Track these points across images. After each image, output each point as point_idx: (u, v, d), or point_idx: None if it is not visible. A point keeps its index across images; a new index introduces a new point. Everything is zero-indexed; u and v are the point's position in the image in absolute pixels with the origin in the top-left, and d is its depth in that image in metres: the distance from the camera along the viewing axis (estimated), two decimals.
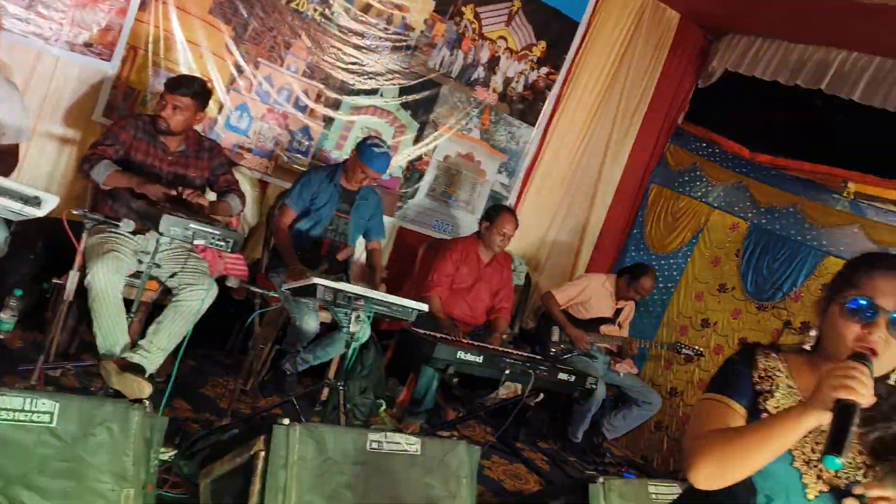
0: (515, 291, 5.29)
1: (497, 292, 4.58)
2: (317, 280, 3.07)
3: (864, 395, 1.27)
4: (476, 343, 4.03)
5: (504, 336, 4.51)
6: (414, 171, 4.90)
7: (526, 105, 5.20)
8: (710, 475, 1.37)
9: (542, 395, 4.81)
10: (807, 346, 1.52)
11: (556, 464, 4.51)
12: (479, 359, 3.75)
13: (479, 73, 4.92)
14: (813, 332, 1.51)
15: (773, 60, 5.24)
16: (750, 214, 5.27)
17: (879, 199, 4.76)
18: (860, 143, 5.84)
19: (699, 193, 5.63)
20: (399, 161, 4.78)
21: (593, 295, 4.92)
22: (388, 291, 3.87)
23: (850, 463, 1.43)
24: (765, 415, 1.46)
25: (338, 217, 3.96)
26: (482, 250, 4.44)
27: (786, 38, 5.14)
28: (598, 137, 5.60)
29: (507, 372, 3.84)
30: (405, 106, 4.69)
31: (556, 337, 4.90)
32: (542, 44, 5.10)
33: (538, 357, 4.30)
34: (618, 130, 5.65)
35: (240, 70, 4.15)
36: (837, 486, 1.42)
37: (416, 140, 4.81)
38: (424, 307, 3.35)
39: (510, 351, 4.19)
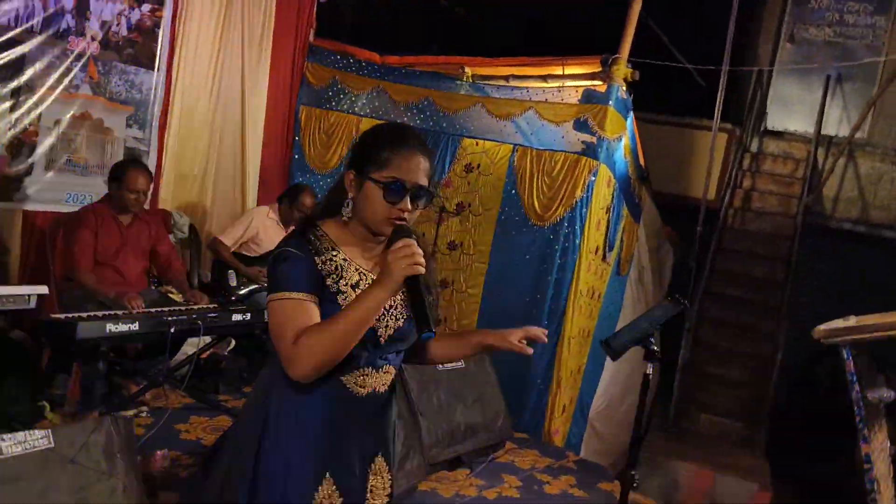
0: (182, 246, 5.04)
1: (153, 252, 4.28)
2: None
3: (422, 265, 1.53)
4: (136, 311, 3.74)
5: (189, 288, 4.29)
6: (21, 145, 4.32)
7: (137, 48, 4.80)
8: (316, 370, 1.53)
9: (232, 342, 4.71)
10: (345, 217, 1.68)
11: None
12: (135, 325, 3.51)
13: (68, 21, 4.40)
14: (350, 204, 1.67)
15: None
16: (392, 115, 5.48)
17: (494, 77, 5.19)
18: (476, 31, 6.27)
19: (345, 106, 5.71)
20: None
21: (260, 228, 4.84)
22: None
23: (402, 302, 1.69)
24: (341, 297, 1.62)
25: None
26: (116, 214, 4.08)
27: None
28: (230, 70, 5.38)
29: (173, 330, 3.65)
30: None
31: (234, 282, 4.77)
32: None
33: (211, 305, 4.14)
34: (250, 59, 5.48)
35: None
36: (399, 327, 1.69)
37: (12, 109, 4.22)
38: (42, 289, 3.01)
39: (177, 308, 3.97)
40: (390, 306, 1.67)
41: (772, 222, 7.73)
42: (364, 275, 1.66)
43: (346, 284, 1.63)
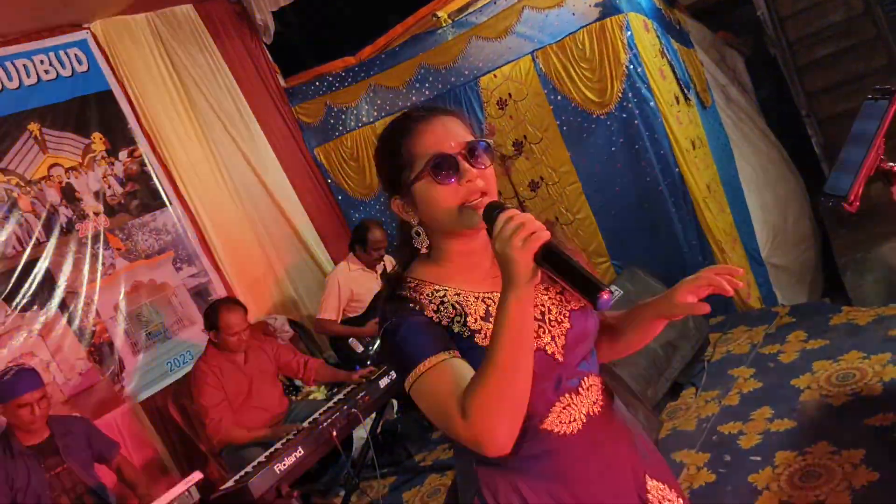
0: (293, 342, 4.81)
1: (282, 368, 4.05)
2: None
3: (543, 229, 1.12)
4: (291, 435, 3.48)
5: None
6: (101, 346, 4.15)
7: (140, 196, 4.55)
8: (510, 431, 1.16)
9: (395, 404, 4.45)
10: (424, 250, 1.33)
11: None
12: (300, 451, 3.24)
13: (64, 213, 4.19)
14: (420, 232, 1.31)
15: None
16: (400, 102, 5.05)
17: (469, 4, 4.67)
18: None
19: (352, 123, 5.32)
20: (75, 355, 4.01)
21: (351, 285, 4.50)
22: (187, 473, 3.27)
23: (551, 298, 1.32)
24: (479, 336, 1.25)
25: (54, 478, 3.17)
26: (230, 354, 3.83)
27: None
28: (232, 160, 5.08)
29: (335, 433, 3.37)
30: (24, 308, 3.89)
31: (359, 348, 4.47)
32: (97, 135, 4.44)
33: (353, 387, 3.85)
34: (242, 138, 5.15)
35: None
36: (567, 329, 1.30)
37: (70, 322, 4.04)
38: (196, 477, 2.78)
39: (328, 409, 3.69)
40: (542, 313, 1.29)
41: None
42: (488, 298, 1.29)
43: (476, 320, 1.26)
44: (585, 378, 1.31)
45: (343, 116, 5.33)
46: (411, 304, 1.27)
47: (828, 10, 6.66)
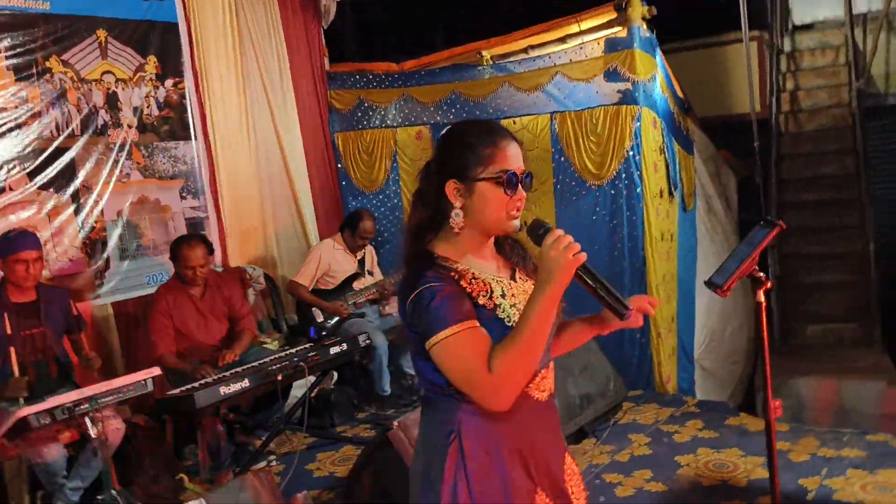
0: (262, 296, 5.19)
1: (230, 312, 4.38)
2: (24, 412, 2.77)
3: (581, 252, 1.44)
4: (238, 370, 3.87)
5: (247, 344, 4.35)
6: (94, 243, 4.52)
7: (171, 124, 4.95)
8: (518, 391, 1.49)
9: (335, 375, 4.83)
10: (457, 229, 1.57)
11: (380, 423, 4.56)
12: (246, 382, 3.63)
13: (103, 116, 4.58)
14: (459, 213, 1.56)
15: None
16: (423, 117, 5.51)
17: (513, 52, 5.17)
18: (489, 12, 6.21)
19: (376, 122, 5.77)
20: (71, 242, 4.38)
21: (331, 261, 4.93)
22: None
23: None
24: (499, 310, 1.54)
25: (27, 337, 3.52)
26: (188, 286, 4.18)
27: None
28: (260, 119, 5.50)
29: (280, 378, 3.77)
30: (43, 188, 4.27)
31: (320, 318, 4.88)
32: (152, 59, 4.85)
33: (306, 346, 4.25)
34: (276, 103, 5.59)
35: None
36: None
37: (77, 212, 4.41)
38: (156, 371, 3.16)
39: (278, 356, 4.09)
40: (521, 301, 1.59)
41: (827, 117, 7.46)
42: (500, 280, 1.58)
43: (497, 297, 1.55)
44: (550, 361, 1.65)
45: (370, 113, 5.79)
46: (452, 273, 1.52)
47: (823, 162, 7.29)
